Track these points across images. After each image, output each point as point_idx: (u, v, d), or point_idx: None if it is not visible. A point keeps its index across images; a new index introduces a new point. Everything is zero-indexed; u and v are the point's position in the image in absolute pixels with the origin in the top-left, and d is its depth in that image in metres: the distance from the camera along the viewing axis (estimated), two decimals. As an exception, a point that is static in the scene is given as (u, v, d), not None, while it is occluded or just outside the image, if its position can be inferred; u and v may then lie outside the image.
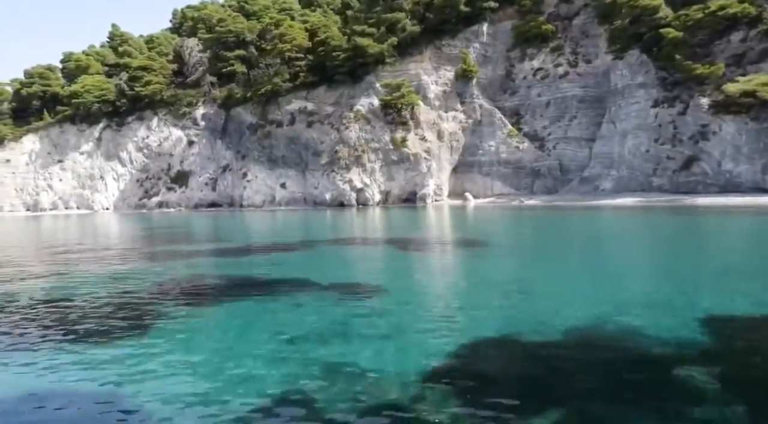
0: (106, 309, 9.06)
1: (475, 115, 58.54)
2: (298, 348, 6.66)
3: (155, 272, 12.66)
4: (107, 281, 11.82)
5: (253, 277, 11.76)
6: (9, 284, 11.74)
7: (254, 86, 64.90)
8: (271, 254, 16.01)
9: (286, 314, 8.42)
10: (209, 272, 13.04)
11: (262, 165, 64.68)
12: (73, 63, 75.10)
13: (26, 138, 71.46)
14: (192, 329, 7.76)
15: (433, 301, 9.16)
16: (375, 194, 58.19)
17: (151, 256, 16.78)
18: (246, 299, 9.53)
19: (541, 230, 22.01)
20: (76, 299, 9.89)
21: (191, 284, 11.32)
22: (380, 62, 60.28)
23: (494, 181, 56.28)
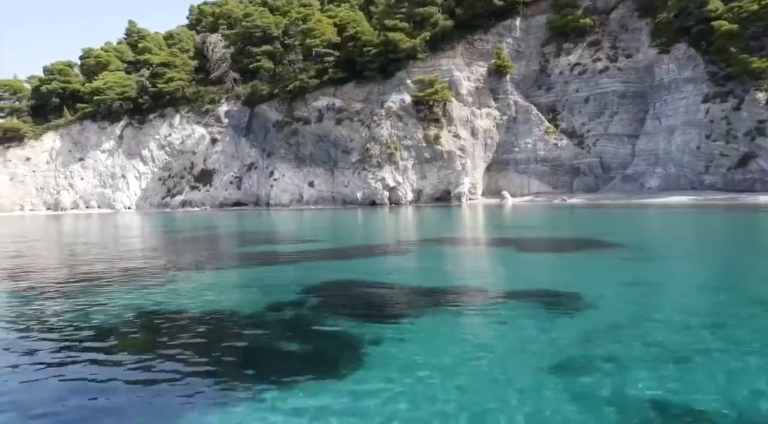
0: (277, 332, 7.63)
1: (510, 112, 57.19)
2: (571, 379, 5.22)
3: (294, 281, 11.33)
4: (257, 293, 10.52)
5: (411, 285, 10.44)
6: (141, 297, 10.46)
7: (281, 82, 63.52)
8: (386, 257, 14.68)
9: (512, 331, 7.10)
10: (353, 277, 11.57)
11: (289, 163, 63.35)
12: (93, 59, 73.74)
13: (46, 136, 70.18)
14: (408, 356, 6.19)
15: (680, 315, 7.81)
16: (407, 193, 56.89)
17: (260, 258, 15.43)
18: (438, 312, 8.20)
19: (644, 230, 20.63)
20: (232, 320, 8.52)
21: (349, 292, 10.01)
22: (412, 58, 58.96)
23: (531, 180, 54.94)
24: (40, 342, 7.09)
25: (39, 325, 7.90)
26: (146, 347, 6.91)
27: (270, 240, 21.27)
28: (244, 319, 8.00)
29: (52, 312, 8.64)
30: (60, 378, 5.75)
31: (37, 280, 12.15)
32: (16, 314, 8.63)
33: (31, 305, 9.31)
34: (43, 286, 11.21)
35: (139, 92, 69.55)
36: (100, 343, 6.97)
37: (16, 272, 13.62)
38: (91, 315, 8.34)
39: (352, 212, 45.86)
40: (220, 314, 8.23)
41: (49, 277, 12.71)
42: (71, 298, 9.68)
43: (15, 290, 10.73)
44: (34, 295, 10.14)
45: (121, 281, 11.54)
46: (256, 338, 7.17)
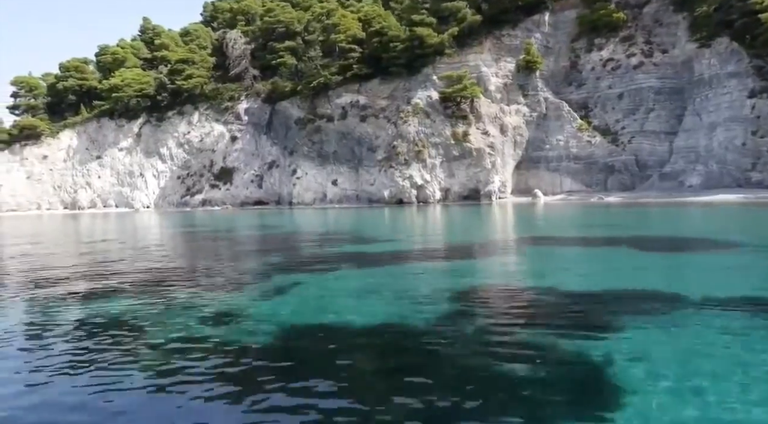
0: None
1: (540, 109, 55.94)
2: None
3: (421, 285, 10.10)
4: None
5: (578, 290, 9.19)
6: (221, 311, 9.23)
7: (303, 79, 62.33)
8: (499, 257, 13.38)
9: (746, 342, 5.85)
10: (490, 281, 10.27)
11: (311, 161, 62.15)
12: (110, 56, 72.66)
13: (63, 134, 69.14)
14: (661, 376, 4.93)
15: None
16: (435, 191, 55.69)
17: (352, 259, 14.22)
18: (642, 320, 6.94)
19: (743, 228, 19.32)
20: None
21: (509, 299, 8.78)
22: (439, 53, 57.72)
23: (563, 178, 53.69)
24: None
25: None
26: (332, 368, 5.67)
27: (339, 240, 19.97)
28: (415, 335, 6.71)
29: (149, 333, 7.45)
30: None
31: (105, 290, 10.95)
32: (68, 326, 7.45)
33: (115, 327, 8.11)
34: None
35: (157, 89, 68.46)
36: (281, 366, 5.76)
37: (47, 277, 12.42)
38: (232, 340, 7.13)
39: (384, 211, 44.53)
40: (386, 328, 6.97)
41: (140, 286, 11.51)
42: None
43: (53, 298, 9.55)
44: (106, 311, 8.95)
45: (226, 288, 10.33)
46: (458, 358, 5.85)
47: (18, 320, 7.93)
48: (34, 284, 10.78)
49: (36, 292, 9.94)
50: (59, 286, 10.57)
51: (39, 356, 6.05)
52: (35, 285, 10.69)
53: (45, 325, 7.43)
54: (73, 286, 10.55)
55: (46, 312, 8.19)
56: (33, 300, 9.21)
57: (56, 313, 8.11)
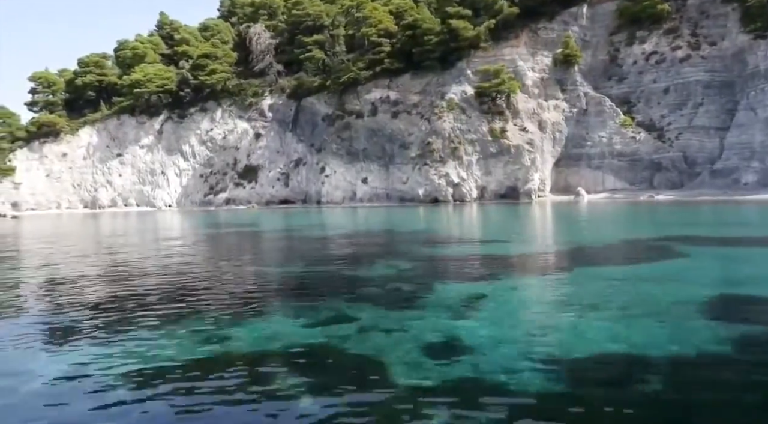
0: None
1: (580, 104, 54.11)
2: None
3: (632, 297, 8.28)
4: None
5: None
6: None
7: (333, 74, 60.47)
8: (675, 261, 11.66)
9: None
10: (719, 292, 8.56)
11: (340, 159, 60.34)
12: (129, 51, 70.84)
13: (83, 130, 67.40)
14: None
15: None
16: (472, 189, 53.87)
17: (507, 265, 12.42)
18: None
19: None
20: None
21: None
22: (474, 47, 55.89)
23: (606, 175, 51.83)
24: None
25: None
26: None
27: (446, 240, 18.14)
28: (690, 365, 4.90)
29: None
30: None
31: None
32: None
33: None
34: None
35: (179, 85, 66.68)
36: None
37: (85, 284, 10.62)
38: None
39: (421, 210, 42.51)
40: (644, 359, 5.14)
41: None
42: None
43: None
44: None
45: (403, 303, 8.53)
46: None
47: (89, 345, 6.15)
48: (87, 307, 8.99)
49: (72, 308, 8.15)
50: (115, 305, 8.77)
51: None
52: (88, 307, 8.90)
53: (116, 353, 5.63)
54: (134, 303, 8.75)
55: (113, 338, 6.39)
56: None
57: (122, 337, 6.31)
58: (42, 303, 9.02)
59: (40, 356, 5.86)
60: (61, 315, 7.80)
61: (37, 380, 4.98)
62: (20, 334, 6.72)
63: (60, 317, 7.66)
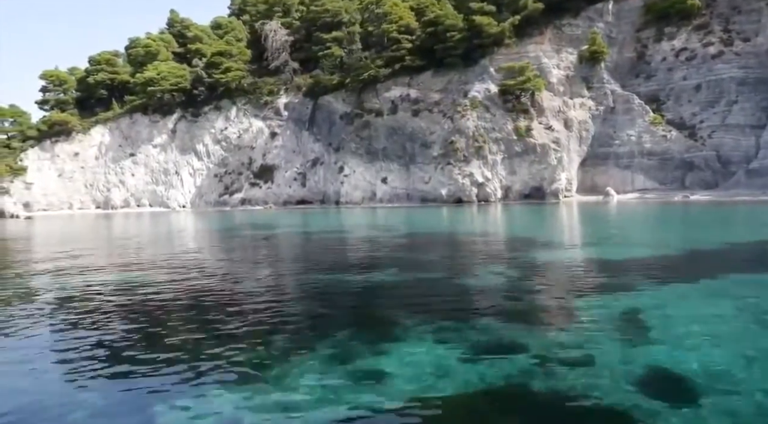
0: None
1: (607, 102, 52.79)
2: None
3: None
4: None
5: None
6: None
7: (348, 72, 59.19)
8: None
9: None
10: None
11: (359, 158, 59.03)
12: (141, 49, 69.53)
13: (95, 129, 66.12)
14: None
15: None
16: (497, 189, 52.58)
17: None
18: None
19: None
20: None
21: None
22: (497, 44, 54.62)
23: (635, 175, 50.46)
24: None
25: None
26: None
27: (530, 244, 16.81)
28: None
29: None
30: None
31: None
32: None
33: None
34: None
35: (193, 83, 65.40)
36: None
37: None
38: None
39: (444, 210, 41.16)
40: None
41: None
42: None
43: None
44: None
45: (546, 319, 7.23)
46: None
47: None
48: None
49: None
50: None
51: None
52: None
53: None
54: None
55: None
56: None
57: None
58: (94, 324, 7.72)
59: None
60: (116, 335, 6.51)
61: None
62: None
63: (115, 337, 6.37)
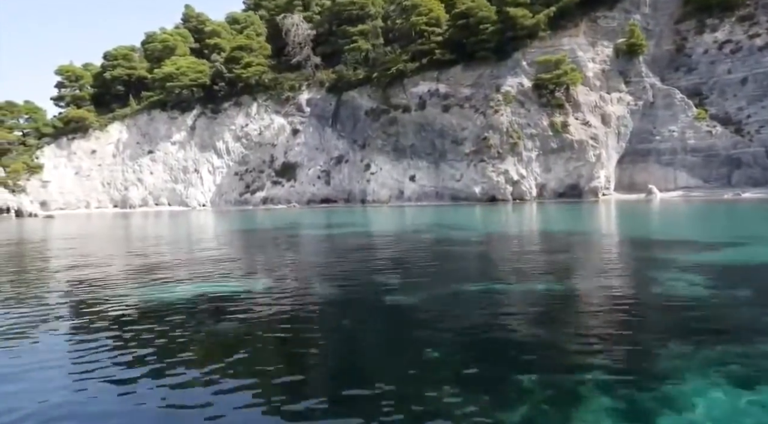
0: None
1: (646, 97, 50.87)
2: None
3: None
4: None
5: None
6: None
7: (378, 66, 57.38)
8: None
9: None
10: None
11: (386, 156, 57.21)
12: (159, 44, 67.83)
13: (112, 126, 64.40)
14: None
15: None
16: (532, 187, 50.72)
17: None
18: None
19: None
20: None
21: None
22: (531, 37, 52.73)
23: (678, 172, 48.52)
24: None
25: None
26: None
27: (662, 244, 14.91)
28: None
29: None
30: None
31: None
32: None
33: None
34: None
35: (213, 78, 63.63)
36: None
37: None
38: None
39: (490, 209, 39.24)
40: None
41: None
42: None
43: None
44: None
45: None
46: None
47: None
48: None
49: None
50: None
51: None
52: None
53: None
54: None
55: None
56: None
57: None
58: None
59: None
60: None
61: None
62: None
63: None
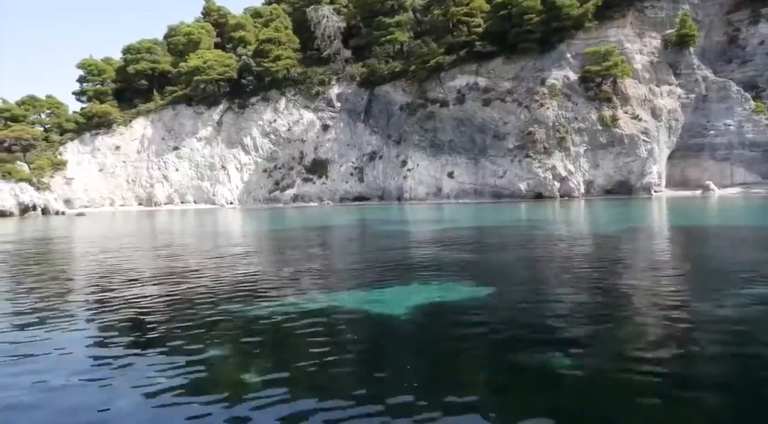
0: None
1: (698, 89, 48.93)
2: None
3: None
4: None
5: None
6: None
7: (415, 59, 55.40)
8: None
9: None
10: None
11: (423, 152, 55.20)
12: (183, 37, 65.82)
13: (136, 122, 62.38)
14: None
15: None
16: (580, 184, 48.72)
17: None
18: None
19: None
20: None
21: None
22: (577, 28, 50.76)
23: (735, 168, 46.59)
24: None
25: None
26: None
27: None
28: None
29: None
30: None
31: None
32: None
33: None
34: None
35: (240, 72, 61.64)
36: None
37: None
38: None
39: (550, 206, 37.23)
40: None
41: None
42: None
43: None
44: None
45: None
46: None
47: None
48: None
49: None
50: None
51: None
52: None
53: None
54: None
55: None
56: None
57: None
58: None
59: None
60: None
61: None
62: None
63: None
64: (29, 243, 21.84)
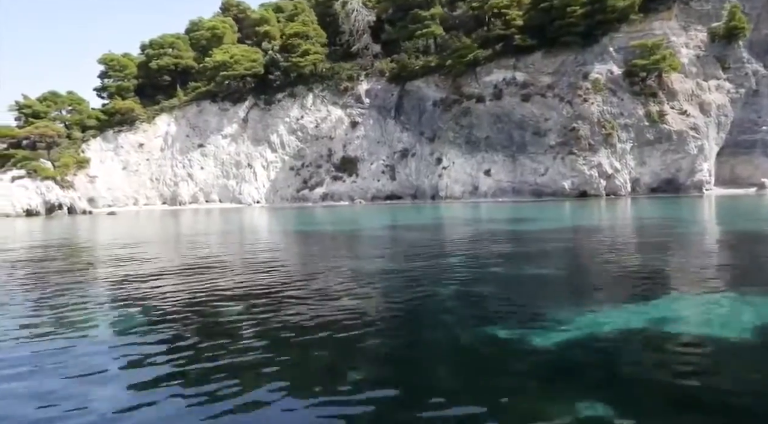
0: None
1: (749, 84, 47.39)
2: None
3: None
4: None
5: None
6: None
7: (450, 53, 53.70)
8: None
9: None
10: None
11: (458, 149, 53.52)
12: (207, 32, 64.11)
13: (159, 118, 60.71)
14: None
15: None
16: (626, 182, 47.06)
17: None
18: None
19: None
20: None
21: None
22: (622, 20, 49.10)
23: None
24: None
25: None
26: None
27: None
28: None
29: None
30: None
31: None
32: None
33: None
34: None
35: (267, 68, 59.93)
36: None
37: None
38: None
39: (597, 204, 35.48)
40: None
41: None
42: None
43: None
44: None
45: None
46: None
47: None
48: None
49: None
50: None
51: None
52: None
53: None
54: None
55: None
56: None
57: None
58: None
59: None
60: None
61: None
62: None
63: None
64: (111, 248, 20.12)
